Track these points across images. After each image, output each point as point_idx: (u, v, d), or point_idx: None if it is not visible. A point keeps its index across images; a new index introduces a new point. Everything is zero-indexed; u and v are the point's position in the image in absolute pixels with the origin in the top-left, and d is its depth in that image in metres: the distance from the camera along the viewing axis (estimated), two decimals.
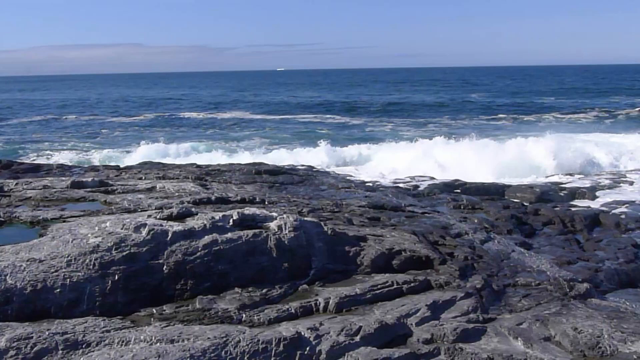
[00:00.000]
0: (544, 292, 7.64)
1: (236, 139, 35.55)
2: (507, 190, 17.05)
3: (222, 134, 38.58)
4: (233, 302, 6.09)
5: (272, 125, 43.93)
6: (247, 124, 44.96)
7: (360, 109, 58.69)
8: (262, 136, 36.98)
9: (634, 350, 5.92)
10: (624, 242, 12.15)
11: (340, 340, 5.43)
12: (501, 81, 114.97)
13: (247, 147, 31.52)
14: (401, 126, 43.45)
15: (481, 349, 5.70)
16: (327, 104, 65.60)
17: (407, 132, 39.19)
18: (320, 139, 31.46)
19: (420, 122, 45.97)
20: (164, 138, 35.20)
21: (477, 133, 28.81)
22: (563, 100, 63.00)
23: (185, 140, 34.85)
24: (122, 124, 46.69)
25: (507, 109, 55.31)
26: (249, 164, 16.89)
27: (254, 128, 42.04)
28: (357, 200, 11.30)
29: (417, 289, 6.87)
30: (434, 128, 41.46)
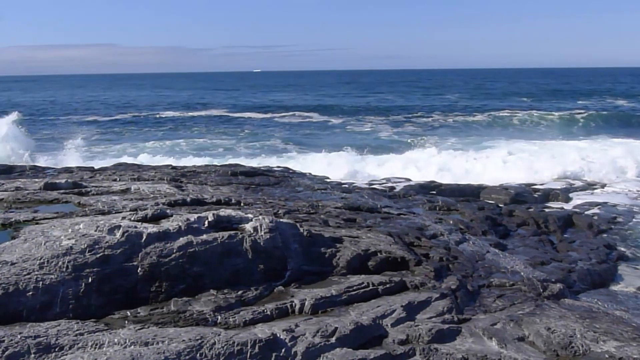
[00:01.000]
0: (518, 292, 7.72)
1: (214, 140, 35.34)
2: (482, 191, 17.18)
3: (199, 134, 38.33)
4: (208, 304, 6.06)
5: (253, 125, 43.81)
6: (226, 124, 44.71)
7: (337, 108, 58.93)
8: (241, 137, 36.83)
9: (606, 350, 6.00)
10: (596, 243, 12.31)
11: (316, 341, 5.43)
12: (471, 83, 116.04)
13: (225, 148, 31.40)
14: (380, 124, 43.99)
15: (456, 349, 5.74)
16: (305, 104, 65.67)
17: (387, 131, 39.88)
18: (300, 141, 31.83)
19: (399, 121, 46.41)
20: (139, 139, 34.95)
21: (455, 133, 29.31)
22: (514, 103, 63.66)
23: (161, 140, 34.63)
24: (97, 124, 46.21)
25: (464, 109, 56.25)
26: (225, 165, 16.82)
27: (232, 128, 41.82)
28: (333, 202, 11.31)
29: (393, 290, 6.90)
30: (410, 127, 42.36)
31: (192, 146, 32.20)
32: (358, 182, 17.63)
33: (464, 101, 64.72)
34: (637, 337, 6.41)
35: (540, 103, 59.35)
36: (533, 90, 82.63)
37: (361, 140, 33.98)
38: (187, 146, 32.17)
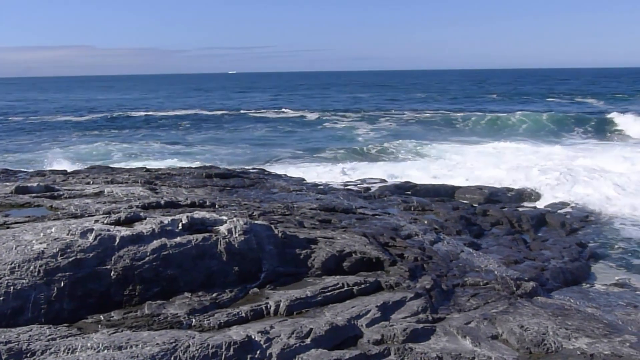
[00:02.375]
0: (492, 291, 7.79)
1: (189, 141, 35.15)
2: (456, 191, 17.29)
3: (175, 136, 38.11)
4: (182, 307, 6.03)
5: (229, 127, 43.67)
6: (201, 125, 44.47)
7: (311, 107, 59.33)
8: (217, 138, 36.69)
9: (578, 346, 6.08)
10: (568, 241, 12.46)
11: (291, 343, 5.42)
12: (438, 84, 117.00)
13: (201, 150, 31.26)
14: (355, 121, 44.46)
15: (430, 349, 5.77)
16: (282, 103, 66.00)
17: (364, 127, 40.50)
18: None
19: (372, 117, 46.86)
20: (113, 141, 34.68)
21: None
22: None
23: (136, 143, 34.38)
24: (71, 125, 45.72)
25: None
26: (200, 167, 16.75)
27: (208, 129, 41.62)
28: (308, 203, 11.31)
29: (368, 291, 6.92)
30: (385, 123, 42.98)
31: (166, 148, 32.00)
32: (333, 183, 17.64)
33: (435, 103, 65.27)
34: (608, 333, 6.51)
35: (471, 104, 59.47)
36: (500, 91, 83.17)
37: (338, 140, 34.30)
38: (162, 148, 31.96)
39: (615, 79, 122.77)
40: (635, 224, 14.38)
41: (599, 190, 17.71)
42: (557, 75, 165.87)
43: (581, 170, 20.37)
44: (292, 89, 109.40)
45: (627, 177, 19.04)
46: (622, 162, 22.25)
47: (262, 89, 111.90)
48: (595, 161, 22.78)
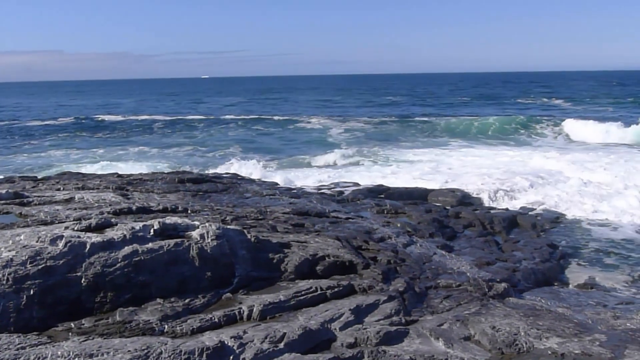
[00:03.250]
0: (464, 292, 7.84)
1: (162, 146, 34.87)
2: (429, 194, 17.37)
3: (148, 141, 37.79)
4: (155, 313, 5.99)
5: (204, 130, 43.46)
6: (174, 130, 44.16)
7: (283, 111, 59.62)
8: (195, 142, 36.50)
9: (549, 346, 6.14)
10: (539, 242, 12.59)
11: (264, 347, 5.41)
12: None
13: (174, 154, 31.06)
14: (326, 121, 44.80)
15: (403, 351, 5.80)
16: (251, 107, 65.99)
17: (337, 128, 40.85)
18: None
19: (341, 120, 47.20)
20: (85, 146, 34.33)
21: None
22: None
23: (108, 148, 34.06)
24: (42, 130, 45.12)
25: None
26: (172, 172, 16.66)
27: (181, 134, 41.34)
28: (282, 207, 11.30)
29: (341, 294, 6.93)
30: (355, 123, 43.34)
31: (139, 153, 31.73)
32: (307, 188, 17.62)
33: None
34: (578, 332, 6.59)
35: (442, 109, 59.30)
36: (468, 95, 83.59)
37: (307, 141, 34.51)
38: (135, 153, 31.69)
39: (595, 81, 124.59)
40: (603, 225, 14.58)
41: (564, 192, 17.96)
42: (537, 78, 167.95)
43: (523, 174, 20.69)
44: (264, 92, 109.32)
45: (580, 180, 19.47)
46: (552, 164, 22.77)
47: (233, 92, 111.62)
48: (527, 164, 23.30)
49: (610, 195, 17.52)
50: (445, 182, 19.50)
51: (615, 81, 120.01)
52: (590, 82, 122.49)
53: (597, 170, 21.58)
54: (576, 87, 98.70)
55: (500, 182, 19.15)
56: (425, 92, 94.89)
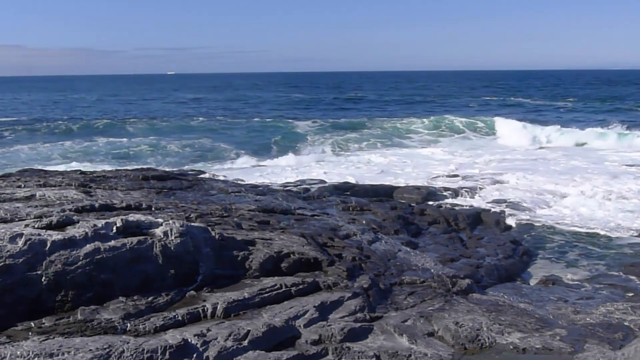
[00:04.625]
0: (429, 289, 7.91)
1: (127, 144, 34.41)
2: (395, 191, 17.45)
3: (112, 137, 37.24)
4: (117, 312, 5.91)
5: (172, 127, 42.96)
6: (139, 127, 43.58)
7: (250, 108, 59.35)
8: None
9: (511, 341, 6.23)
10: (503, 238, 12.75)
11: (228, 345, 5.39)
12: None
13: (139, 152, 30.69)
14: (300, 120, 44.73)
15: (368, 347, 5.82)
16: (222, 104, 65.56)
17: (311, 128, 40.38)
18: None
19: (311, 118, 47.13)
20: (48, 142, 33.75)
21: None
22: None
23: (71, 145, 33.52)
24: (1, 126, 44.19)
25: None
26: (137, 169, 16.44)
27: (147, 131, 40.79)
28: (247, 205, 11.25)
29: (306, 291, 6.94)
30: (322, 122, 42.96)
31: (103, 150, 31.30)
32: (273, 185, 17.59)
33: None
34: (539, 327, 6.70)
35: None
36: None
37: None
38: (98, 150, 31.24)
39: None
40: (564, 222, 14.81)
41: (527, 191, 18.26)
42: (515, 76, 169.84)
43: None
44: (228, 89, 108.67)
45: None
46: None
47: (198, 89, 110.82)
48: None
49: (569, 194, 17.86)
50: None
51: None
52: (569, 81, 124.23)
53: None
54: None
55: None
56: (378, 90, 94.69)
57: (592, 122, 40.31)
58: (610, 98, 66.61)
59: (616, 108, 53.87)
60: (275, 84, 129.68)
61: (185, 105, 65.45)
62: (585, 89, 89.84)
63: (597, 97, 68.16)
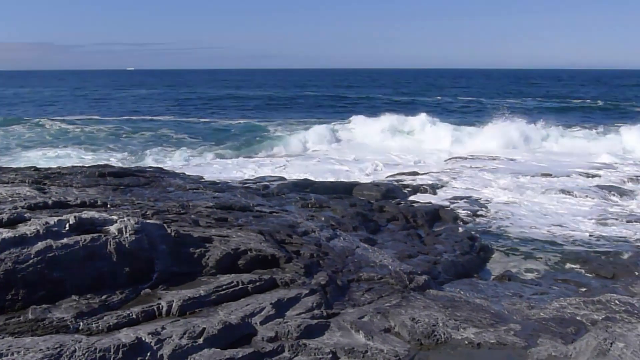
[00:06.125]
0: (386, 285, 7.95)
1: (83, 140, 33.87)
2: (354, 188, 17.52)
3: (69, 134, 36.64)
4: (69, 311, 5.80)
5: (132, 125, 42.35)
6: (98, 123, 42.91)
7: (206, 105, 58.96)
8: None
9: (466, 336, 6.30)
10: (460, 235, 12.89)
11: (183, 343, 5.33)
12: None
13: (96, 149, 30.26)
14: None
15: (324, 344, 5.83)
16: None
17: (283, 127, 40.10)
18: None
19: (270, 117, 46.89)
20: (4, 139, 33.09)
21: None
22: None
23: (28, 141, 32.90)
24: None
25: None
26: (93, 166, 16.15)
27: (105, 127, 40.17)
28: (205, 201, 11.15)
29: (263, 288, 6.90)
30: (293, 122, 42.78)
31: (61, 147, 30.76)
32: (232, 182, 17.50)
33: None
34: (494, 322, 6.78)
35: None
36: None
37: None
38: (56, 147, 30.69)
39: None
40: (518, 219, 15.05)
41: (485, 187, 18.52)
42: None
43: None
44: (184, 86, 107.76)
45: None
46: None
47: (157, 85, 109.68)
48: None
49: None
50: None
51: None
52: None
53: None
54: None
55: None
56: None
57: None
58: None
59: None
60: (235, 80, 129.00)
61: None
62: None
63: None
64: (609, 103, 61.92)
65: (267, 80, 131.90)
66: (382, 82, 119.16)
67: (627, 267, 11.26)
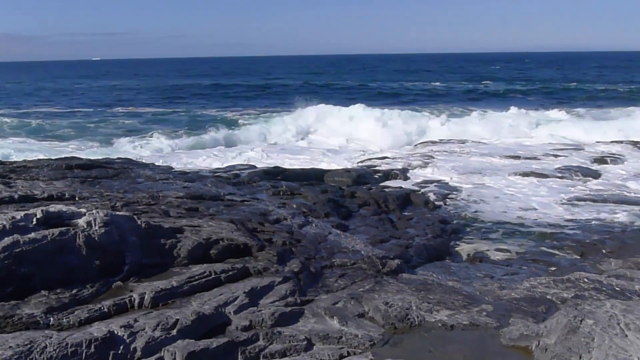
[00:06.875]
0: (359, 270, 7.97)
1: (49, 134, 33.29)
2: (325, 174, 17.50)
3: (33, 128, 35.98)
4: (39, 306, 5.71)
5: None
6: (64, 116, 42.17)
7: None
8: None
9: (439, 319, 6.34)
10: (431, 219, 12.96)
11: (156, 335, 5.29)
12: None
13: (62, 143, 29.74)
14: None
15: (299, 331, 5.82)
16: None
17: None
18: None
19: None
20: None
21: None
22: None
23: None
24: None
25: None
26: (60, 158, 15.90)
27: (70, 120, 39.53)
28: (175, 192, 11.06)
29: (236, 277, 6.88)
30: (251, 111, 42.55)
31: (25, 141, 30.20)
32: (202, 171, 17.36)
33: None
34: (467, 304, 6.85)
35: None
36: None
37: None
38: (20, 141, 30.11)
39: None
40: (488, 202, 15.18)
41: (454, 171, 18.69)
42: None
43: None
44: (152, 76, 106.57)
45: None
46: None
47: (123, 75, 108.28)
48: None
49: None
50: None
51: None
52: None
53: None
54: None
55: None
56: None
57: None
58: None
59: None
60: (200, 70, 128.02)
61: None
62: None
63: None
64: (567, 85, 62.77)
65: (234, 69, 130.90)
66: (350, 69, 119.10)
67: (594, 245, 11.44)
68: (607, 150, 22.48)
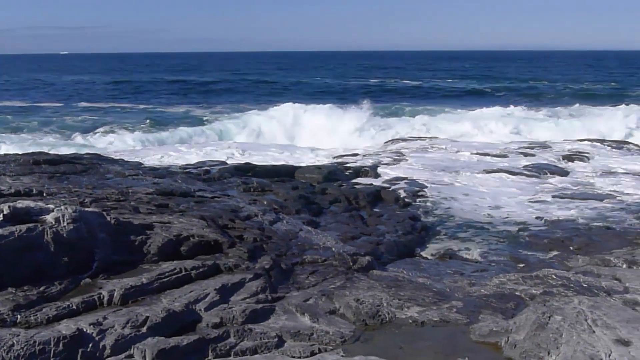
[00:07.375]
0: (330, 267, 7.99)
1: (16, 128, 32.69)
2: (296, 171, 17.48)
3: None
4: (6, 304, 5.63)
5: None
6: (31, 112, 41.46)
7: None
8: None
9: (410, 315, 6.39)
10: (402, 215, 13.01)
11: (126, 332, 5.25)
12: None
13: (28, 138, 29.23)
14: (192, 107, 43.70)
15: (270, 328, 5.83)
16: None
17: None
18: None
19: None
20: None
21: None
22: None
23: None
24: None
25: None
26: (27, 153, 15.66)
27: (37, 116, 38.88)
28: (145, 188, 10.97)
29: (206, 274, 6.86)
30: (221, 109, 42.19)
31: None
32: (172, 167, 17.24)
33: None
34: (437, 301, 6.90)
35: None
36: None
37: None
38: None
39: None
40: (458, 199, 15.29)
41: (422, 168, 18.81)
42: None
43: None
44: (119, 70, 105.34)
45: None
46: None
47: (90, 69, 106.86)
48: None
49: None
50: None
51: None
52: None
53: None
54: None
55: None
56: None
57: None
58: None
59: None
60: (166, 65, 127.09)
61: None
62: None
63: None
64: (534, 84, 63.48)
65: (202, 65, 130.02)
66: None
67: (562, 242, 11.57)
68: (574, 149, 22.80)
